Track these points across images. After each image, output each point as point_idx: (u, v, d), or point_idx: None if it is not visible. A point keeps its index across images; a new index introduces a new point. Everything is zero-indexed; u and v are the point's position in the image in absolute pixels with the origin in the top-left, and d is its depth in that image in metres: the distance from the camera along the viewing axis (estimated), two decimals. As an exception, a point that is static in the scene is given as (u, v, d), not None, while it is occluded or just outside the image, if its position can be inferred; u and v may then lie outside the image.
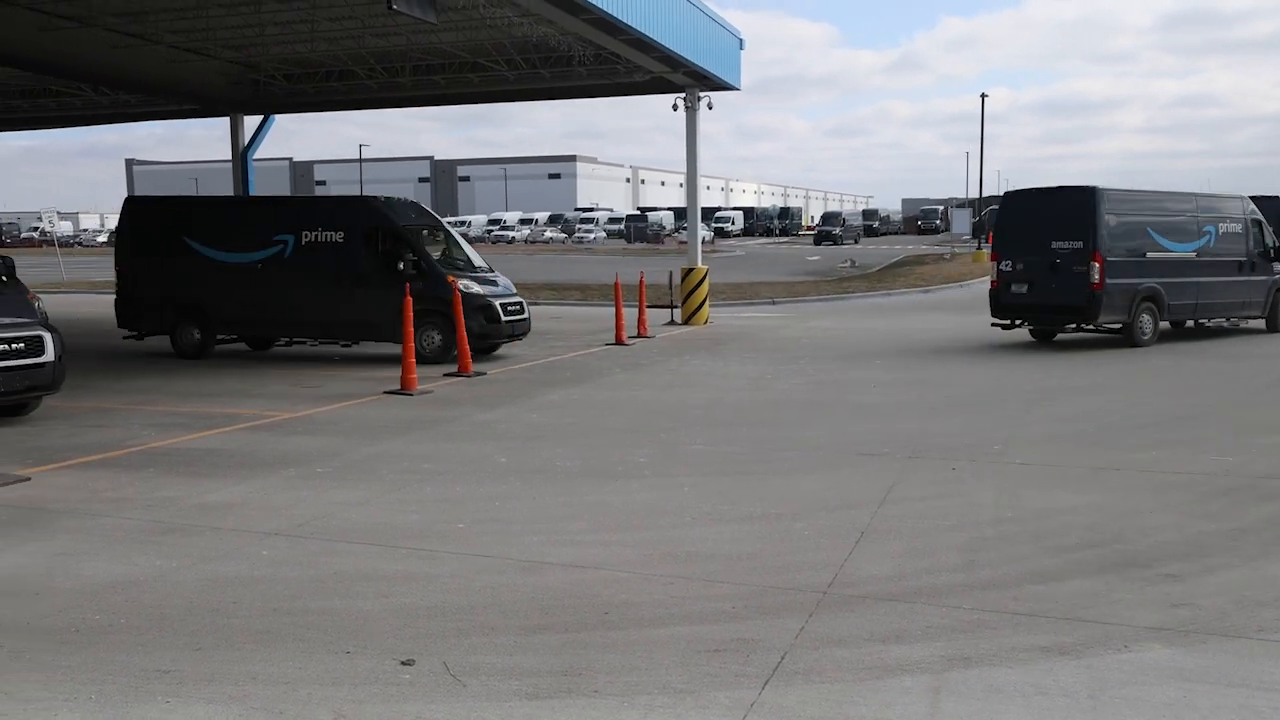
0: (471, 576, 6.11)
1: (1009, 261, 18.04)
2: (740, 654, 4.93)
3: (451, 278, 15.95)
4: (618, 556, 6.47)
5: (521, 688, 4.58)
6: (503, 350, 17.35)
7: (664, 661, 4.85)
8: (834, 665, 4.80)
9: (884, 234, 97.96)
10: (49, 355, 11.14)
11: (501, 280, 17.34)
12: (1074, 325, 17.84)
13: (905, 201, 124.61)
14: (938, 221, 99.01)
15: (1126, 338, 17.59)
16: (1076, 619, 5.31)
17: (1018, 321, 18.47)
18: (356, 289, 16.26)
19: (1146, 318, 17.71)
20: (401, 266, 15.96)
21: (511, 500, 7.92)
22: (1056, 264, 17.30)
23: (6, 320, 10.82)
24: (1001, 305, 18.30)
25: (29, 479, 8.56)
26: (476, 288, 16.42)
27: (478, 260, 17.82)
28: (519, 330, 17.13)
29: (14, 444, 9.81)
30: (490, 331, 16.41)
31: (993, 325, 18.63)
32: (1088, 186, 17.24)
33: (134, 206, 18.46)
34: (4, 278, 11.60)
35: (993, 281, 18.41)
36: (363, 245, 16.42)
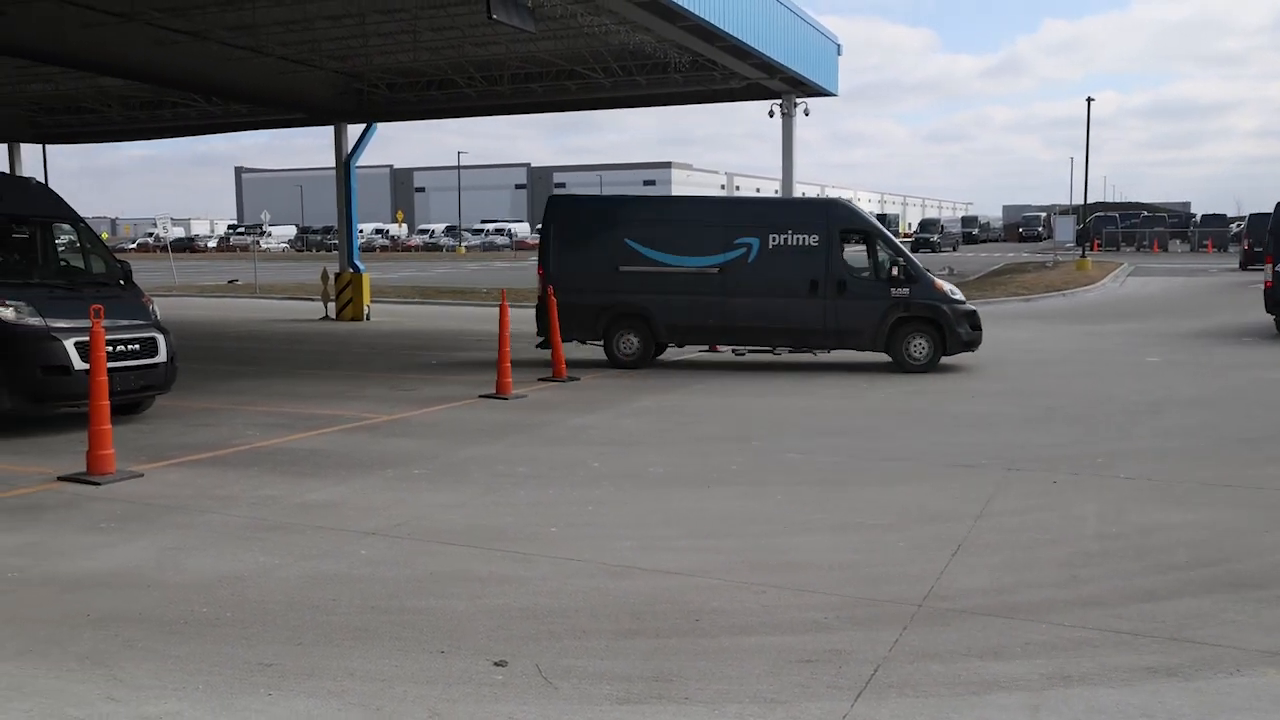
0: (564, 580, 6.15)
1: None
2: (832, 665, 4.87)
3: (939, 283, 15.93)
4: (709, 563, 6.46)
5: (612, 692, 4.60)
6: (595, 356, 17.41)
7: (755, 670, 4.82)
8: (929, 680, 4.71)
9: (983, 241, 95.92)
10: (162, 356, 11.58)
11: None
12: None
13: (1006, 208, 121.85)
14: (1040, 229, 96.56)
15: None
16: (1184, 640, 5.13)
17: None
18: (835, 295, 15.84)
19: None
20: (895, 271, 15.80)
21: (604, 505, 7.97)
22: None
23: (124, 322, 11.26)
24: (1278, 302, 20.42)
25: (142, 475, 8.90)
26: (959, 293, 16.21)
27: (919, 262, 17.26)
28: None
29: (129, 441, 10.20)
30: (974, 340, 16.04)
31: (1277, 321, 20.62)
32: None
33: (560, 207, 17.33)
34: (122, 282, 12.09)
35: (1267, 282, 20.70)
36: (840, 249, 16.06)
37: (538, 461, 9.57)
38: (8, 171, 29.25)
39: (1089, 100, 50.29)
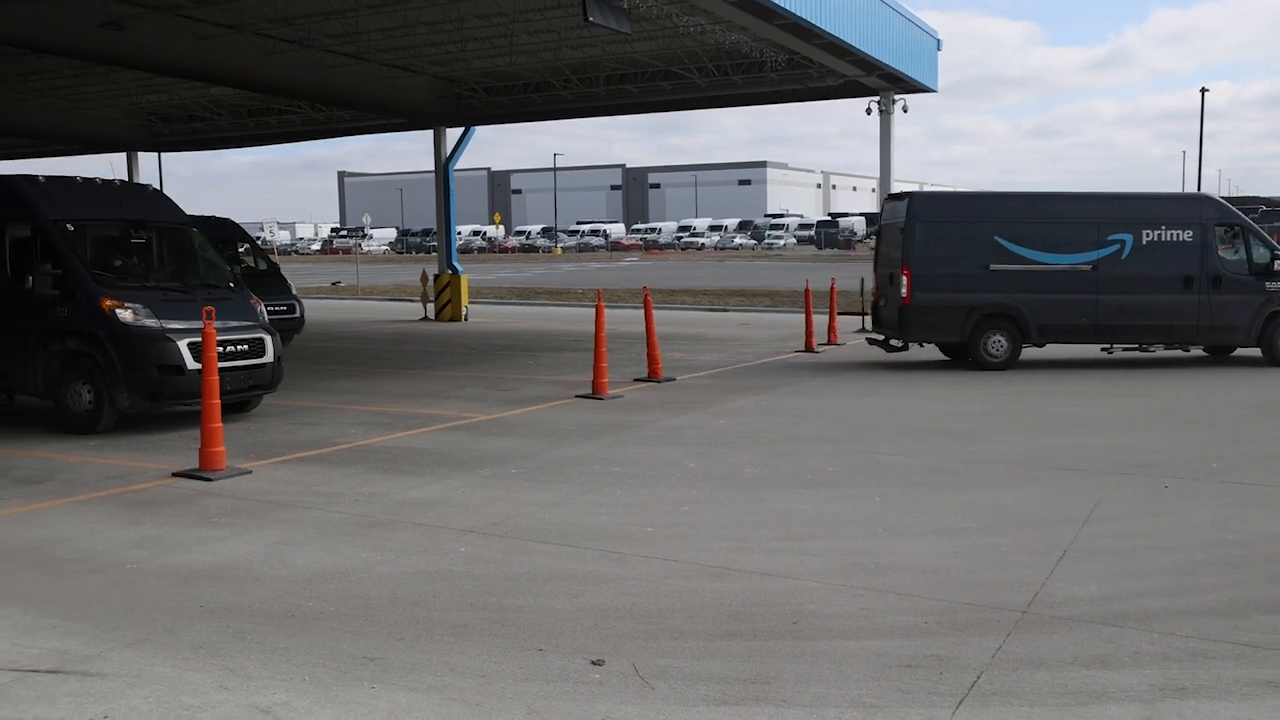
0: (660, 580, 6.16)
1: None
2: (933, 671, 4.79)
3: None
4: (806, 566, 6.40)
5: (709, 693, 4.59)
6: (691, 357, 17.43)
7: (853, 674, 4.76)
8: (1034, 688, 4.60)
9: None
10: (269, 356, 11.93)
11: None
12: None
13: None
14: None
15: None
16: (1307, 653, 4.91)
17: None
18: (1211, 290, 15.75)
19: None
20: (1276, 266, 15.78)
21: (699, 506, 7.96)
22: None
23: (234, 324, 11.64)
24: None
25: (251, 472, 9.18)
26: None
27: None
28: None
29: (238, 439, 10.54)
30: None
31: None
32: None
33: (923, 204, 16.77)
34: (232, 284, 12.48)
35: None
36: (1215, 244, 15.92)
37: (633, 461, 9.60)
38: (126, 178, 30.46)
39: (1203, 91, 48.76)
